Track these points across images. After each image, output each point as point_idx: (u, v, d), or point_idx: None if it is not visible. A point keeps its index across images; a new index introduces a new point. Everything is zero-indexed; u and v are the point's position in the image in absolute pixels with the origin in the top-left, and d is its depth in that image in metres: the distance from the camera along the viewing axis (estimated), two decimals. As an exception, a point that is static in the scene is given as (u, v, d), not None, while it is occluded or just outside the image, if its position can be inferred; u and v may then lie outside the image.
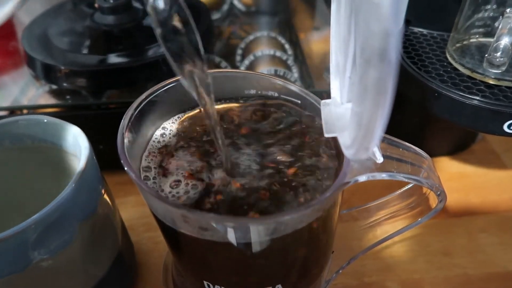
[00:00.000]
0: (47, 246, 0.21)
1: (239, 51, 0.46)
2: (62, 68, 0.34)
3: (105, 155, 0.28)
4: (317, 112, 0.24)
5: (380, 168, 0.21)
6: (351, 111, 0.17)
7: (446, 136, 0.40)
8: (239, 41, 0.46)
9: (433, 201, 0.25)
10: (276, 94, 0.26)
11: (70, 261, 0.22)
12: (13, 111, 0.37)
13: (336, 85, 0.22)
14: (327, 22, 0.54)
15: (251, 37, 0.46)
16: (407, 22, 0.33)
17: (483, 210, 0.36)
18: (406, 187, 0.26)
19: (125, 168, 0.19)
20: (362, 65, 0.13)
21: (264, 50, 0.42)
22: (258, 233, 0.19)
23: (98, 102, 0.34)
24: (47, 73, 0.35)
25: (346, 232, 0.28)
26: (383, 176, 0.21)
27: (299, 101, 0.26)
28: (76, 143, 0.24)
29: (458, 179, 0.39)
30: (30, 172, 0.28)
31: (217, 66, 0.42)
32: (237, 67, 0.43)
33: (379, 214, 0.28)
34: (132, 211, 0.36)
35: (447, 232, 0.34)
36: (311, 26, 0.53)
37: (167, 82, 0.24)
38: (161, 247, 0.34)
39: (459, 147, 0.41)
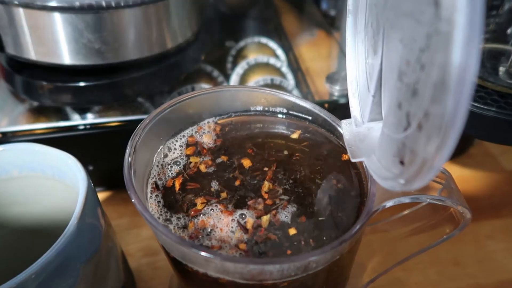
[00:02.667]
0: None
1: (230, 59, 0.44)
2: (46, 83, 0.32)
3: (95, 175, 0.26)
4: (331, 129, 0.23)
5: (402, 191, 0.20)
6: (388, 137, 0.16)
7: (445, 141, 0.39)
8: (229, 48, 0.44)
9: (455, 215, 0.24)
10: (285, 110, 0.25)
11: None
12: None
13: (355, 103, 0.21)
14: (317, 25, 0.53)
15: (241, 44, 0.45)
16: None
17: (487, 216, 0.36)
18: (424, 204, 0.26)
19: (139, 208, 0.17)
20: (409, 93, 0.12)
21: (257, 57, 0.41)
22: (287, 273, 0.17)
23: (86, 122, 0.32)
24: (29, 89, 0.32)
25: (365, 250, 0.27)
26: (407, 200, 0.20)
27: (310, 117, 0.24)
28: (71, 173, 0.22)
29: (459, 184, 0.39)
30: (19, 204, 0.26)
31: (209, 75, 0.40)
32: (228, 76, 0.41)
33: (399, 231, 0.27)
34: (127, 234, 0.34)
35: (455, 241, 0.34)
36: (302, 30, 0.52)
37: (160, 109, 0.22)
38: (161, 273, 0.32)
39: (457, 151, 0.41)
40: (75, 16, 0.28)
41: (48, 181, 0.24)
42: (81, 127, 0.33)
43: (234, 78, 0.40)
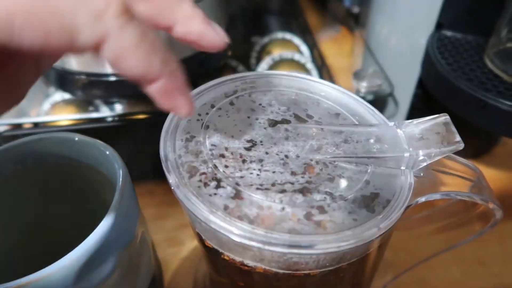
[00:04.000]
0: (89, 280, 0.19)
1: (254, 54, 0.44)
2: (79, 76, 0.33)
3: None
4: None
5: (433, 187, 0.20)
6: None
7: (470, 139, 0.39)
8: (253, 44, 0.45)
9: (485, 213, 0.24)
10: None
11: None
12: (19, 125, 0.35)
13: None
14: (340, 21, 0.53)
15: (266, 40, 0.45)
16: (440, 25, 0.32)
17: (512, 215, 0.36)
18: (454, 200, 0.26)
19: (179, 194, 0.17)
20: None
21: (282, 53, 0.41)
22: (322, 263, 0.17)
23: (114, 114, 0.33)
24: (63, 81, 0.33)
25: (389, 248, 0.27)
26: (438, 196, 0.20)
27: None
28: (109, 163, 0.23)
29: (484, 183, 0.38)
30: (54, 192, 0.26)
31: (235, 70, 0.41)
32: (253, 71, 0.41)
33: (423, 229, 0.27)
34: (153, 225, 0.35)
35: (480, 240, 0.33)
36: (325, 27, 0.52)
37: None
38: (186, 263, 0.33)
39: (482, 150, 0.40)
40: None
41: (84, 170, 0.25)
42: (110, 119, 0.33)
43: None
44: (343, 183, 0.18)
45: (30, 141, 0.24)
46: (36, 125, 0.34)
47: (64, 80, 0.33)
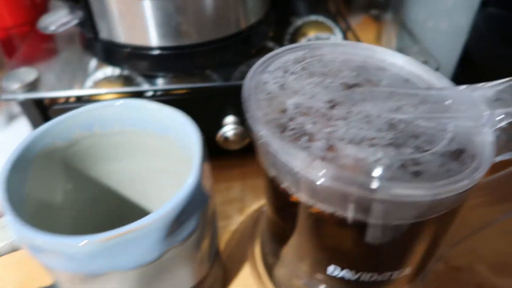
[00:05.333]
0: (180, 232, 0.19)
1: (288, 37, 0.45)
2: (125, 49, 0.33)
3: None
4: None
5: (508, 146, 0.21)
6: None
7: None
8: (286, 26, 0.45)
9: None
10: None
11: (190, 251, 0.21)
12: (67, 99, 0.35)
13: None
14: (375, 5, 0.53)
15: (299, 22, 0.45)
16: (484, 3, 0.32)
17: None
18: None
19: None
20: None
21: (319, 35, 0.41)
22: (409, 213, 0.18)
23: (158, 88, 0.33)
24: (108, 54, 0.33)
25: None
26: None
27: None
28: (179, 127, 0.23)
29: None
30: (115, 159, 0.27)
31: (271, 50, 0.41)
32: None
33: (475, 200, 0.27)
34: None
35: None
36: (359, 10, 0.52)
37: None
38: (236, 236, 0.33)
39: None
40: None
41: (148, 137, 0.25)
42: (158, 93, 0.34)
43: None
44: (429, 139, 0.19)
45: (98, 107, 0.24)
46: (79, 99, 0.34)
47: (111, 53, 0.33)
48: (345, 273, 0.22)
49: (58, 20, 0.29)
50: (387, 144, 0.18)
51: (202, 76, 0.37)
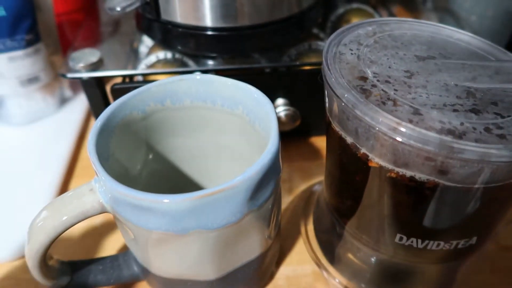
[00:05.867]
0: (259, 197, 0.20)
1: (330, 24, 0.45)
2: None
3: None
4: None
5: None
6: None
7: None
8: (329, 13, 0.46)
9: None
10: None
11: (264, 217, 0.22)
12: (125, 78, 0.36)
13: None
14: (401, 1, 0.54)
15: (341, 10, 0.46)
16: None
17: None
18: None
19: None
20: None
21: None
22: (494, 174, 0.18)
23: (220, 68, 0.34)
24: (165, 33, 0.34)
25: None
26: None
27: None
28: (251, 101, 0.24)
29: None
30: (183, 133, 0.28)
31: (317, 36, 0.42)
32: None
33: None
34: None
35: None
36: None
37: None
38: (287, 214, 0.34)
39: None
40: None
41: (217, 113, 0.26)
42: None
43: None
44: (507, 106, 0.19)
45: (172, 81, 0.25)
46: (131, 79, 0.36)
47: (169, 34, 0.34)
48: (412, 241, 0.23)
49: (124, 1, 0.30)
50: (468, 110, 0.19)
51: (250, 58, 0.38)
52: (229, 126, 0.27)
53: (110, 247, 0.32)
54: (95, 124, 0.22)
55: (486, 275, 0.30)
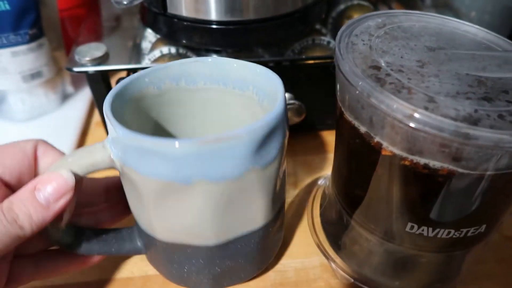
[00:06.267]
0: (262, 156, 0.21)
1: (331, 20, 0.46)
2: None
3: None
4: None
5: None
6: None
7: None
8: (330, 9, 0.46)
9: None
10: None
11: (269, 179, 0.22)
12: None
13: None
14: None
15: (341, 6, 0.46)
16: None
17: None
18: None
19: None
20: None
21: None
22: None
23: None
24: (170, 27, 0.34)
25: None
26: None
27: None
28: (263, 79, 0.24)
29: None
30: (194, 115, 0.28)
31: (320, 32, 0.42)
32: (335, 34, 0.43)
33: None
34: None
35: None
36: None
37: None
38: (293, 207, 0.34)
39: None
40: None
41: (229, 95, 0.26)
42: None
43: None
44: (519, 94, 0.20)
45: (189, 62, 0.26)
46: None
47: (174, 28, 0.34)
48: (423, 229, 0.23)
49: (131, -6, 0.30)
50: (481, 98, 0.19)
51: (254, 53, 0.38)
52: (239, 108, 0.27)
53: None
54: (114, 87, 0.23)
55: (490, 264, 0.30)
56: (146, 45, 0.40)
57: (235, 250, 0.24)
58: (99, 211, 0.27)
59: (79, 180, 0.22)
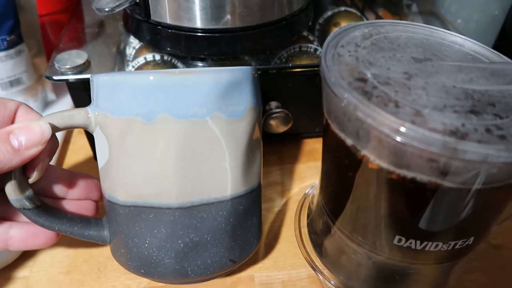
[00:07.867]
0: (227, 105, 0.22)
1: (318, 26, 0.46)
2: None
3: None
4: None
5: None
6: None
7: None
8: (317, 16, 0.46)
9: None
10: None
11: (236, 137, 0.23)
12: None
13: None
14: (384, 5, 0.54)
15: (328, 13, 0.46)
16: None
17: None
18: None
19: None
20: None
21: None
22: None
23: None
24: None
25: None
26: None
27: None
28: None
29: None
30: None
31: (307, 38, 0.42)
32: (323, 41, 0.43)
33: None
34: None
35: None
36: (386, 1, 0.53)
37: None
38: (280, 217, 0.34)
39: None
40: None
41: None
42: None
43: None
44: (505, 108, 0.19)
45: None
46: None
47: (158, 35, 0.34)
48: (411, 242, 0.23)
49: (113, 1, 0.29)
50: (468, 111, 0.19)
51: (240, 60, 0.38)
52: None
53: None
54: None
55: (478, 274, 0.30)
56: (130, 51, 0.39)
57: (201, 219, 0.24)
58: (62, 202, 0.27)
59: (54, 135, 0.23)
